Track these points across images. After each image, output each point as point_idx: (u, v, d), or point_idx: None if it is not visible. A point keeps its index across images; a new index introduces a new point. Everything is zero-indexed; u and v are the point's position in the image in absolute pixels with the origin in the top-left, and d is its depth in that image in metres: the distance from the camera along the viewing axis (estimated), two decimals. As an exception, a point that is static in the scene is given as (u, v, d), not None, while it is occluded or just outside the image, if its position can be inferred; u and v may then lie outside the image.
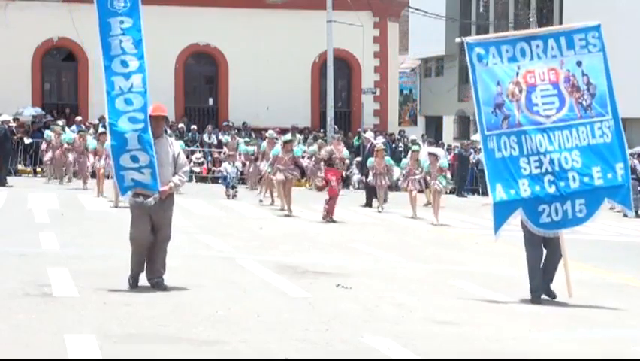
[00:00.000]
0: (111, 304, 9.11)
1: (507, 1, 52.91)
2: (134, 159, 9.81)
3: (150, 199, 9.87)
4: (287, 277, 11.54)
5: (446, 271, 12.89)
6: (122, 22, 10.14)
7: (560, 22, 39.52)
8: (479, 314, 9.67)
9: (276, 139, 23.34)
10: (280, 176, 20.37)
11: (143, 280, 10.20)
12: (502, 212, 10.46)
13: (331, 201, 19.26)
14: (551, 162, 10.42)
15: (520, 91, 10.56)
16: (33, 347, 7.25)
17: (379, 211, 22.36)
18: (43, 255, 12.37)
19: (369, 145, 27.41)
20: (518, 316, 9.70)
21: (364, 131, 31.54)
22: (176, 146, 10.36)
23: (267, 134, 25.02)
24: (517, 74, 10.62)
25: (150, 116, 9.94)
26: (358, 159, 30.09)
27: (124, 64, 10.07)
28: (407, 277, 12.21)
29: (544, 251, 10.64)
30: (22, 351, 7.09)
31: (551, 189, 10.41)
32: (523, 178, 10.42)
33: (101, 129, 23.69)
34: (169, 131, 26.82)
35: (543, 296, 10.54)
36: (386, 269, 12.85)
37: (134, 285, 10.09)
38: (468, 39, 11.03)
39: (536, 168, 10.45)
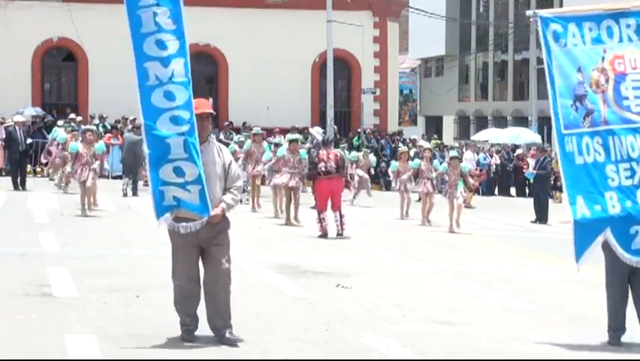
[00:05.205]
0: (111, 304, 9.10)
1: (507, 1, 52.98)
2: (178, 171, 7.44)
3: (196, 222, 7.53)
4: (287, 277, 11.54)
5: (446, 271, 12.90)
6: None
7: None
8: (479, 314, 9.67)
9: (263, 136, 21.78)
10: (292, 182, 18.24)
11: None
12: (585, 233, 8.35)
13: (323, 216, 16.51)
14: None
15: (607, 80, 8.54)
16: (33, 347, 7.24)
17: (403, 218, 21.08)
18: (43, 255, 12.36)
19: (314, 141, 26.77)
20: (518, 316, 9.69)
21: (311, 127, 31.19)
22: (226, 153, 7.83)
23: (252, 131, 22.27)
24: (603, 59, 8.58)
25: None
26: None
27: (160, 45, 7.48)
28: (407, 277, 12.21)
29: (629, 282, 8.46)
30: (22, 351, 7.09)
31: None
32: (611, 191, 8.34)
33: (89, 126, 21.09)
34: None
35: (628, 340, 8.46)
36: (386, 269, 12.85)
37: (188, 338, 7.68)
38: (541, 12, 8.89)
39: (627, 178, 8.35)
